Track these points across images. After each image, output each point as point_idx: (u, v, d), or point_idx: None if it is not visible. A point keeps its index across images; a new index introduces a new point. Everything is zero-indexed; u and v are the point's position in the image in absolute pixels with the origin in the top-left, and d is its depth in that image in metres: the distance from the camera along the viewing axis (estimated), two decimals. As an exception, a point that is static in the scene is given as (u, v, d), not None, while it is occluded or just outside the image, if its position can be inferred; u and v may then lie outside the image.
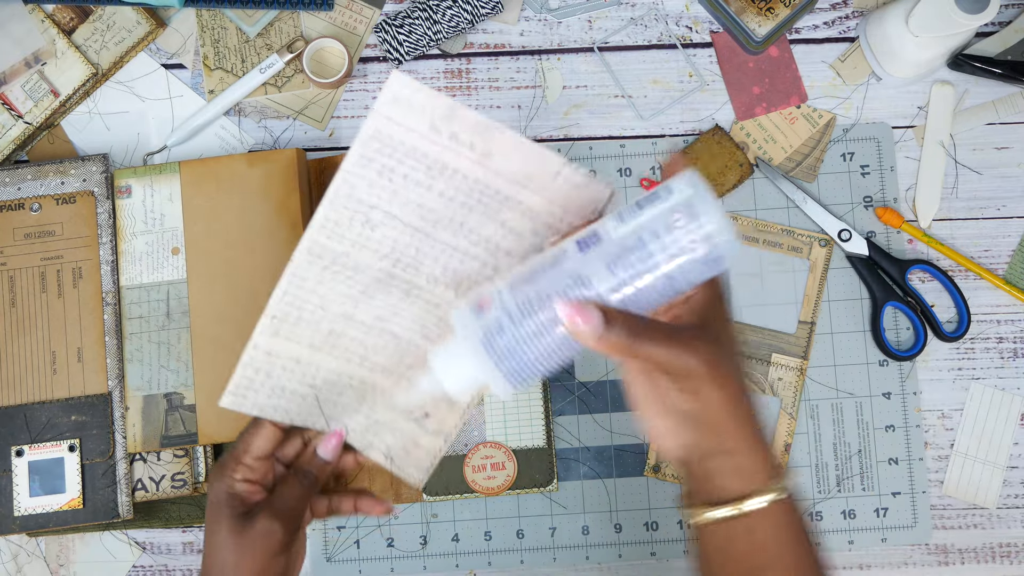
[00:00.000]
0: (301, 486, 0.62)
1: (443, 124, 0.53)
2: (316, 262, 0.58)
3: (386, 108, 0.53)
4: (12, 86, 0.80)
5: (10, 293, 0.77)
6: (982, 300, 0.81)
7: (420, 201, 0.56)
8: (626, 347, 0.47)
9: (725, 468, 0.51)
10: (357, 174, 0.55)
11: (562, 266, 0.47)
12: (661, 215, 0.46)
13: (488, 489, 0.78)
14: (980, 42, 0.81)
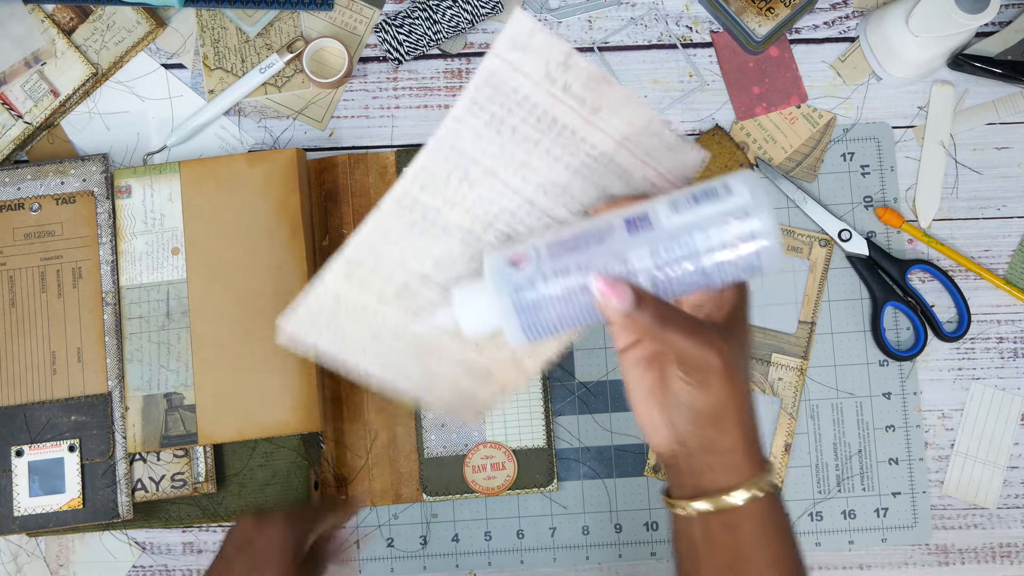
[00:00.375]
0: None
1: (559, 73, 0.50)
2: (404, 215, 0.54)
3: (505, 50, 0.50)
4: (12, 86, 0.80)
5: (10, 293, 0.77)
6: (982, 300, 0.81)
7: (525, 159, 0.52)
8: (649, 330, 0.47)
9: (717, 464, 0.51)
10: (465, 122, 0.51)
11: (607, 243, 0.48)
12: (716, 216, 0.46)
13: (488, 489, 0.78)
14: (980, 42, 0.81)
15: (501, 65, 0.50)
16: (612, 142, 0.52)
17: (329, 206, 0.80)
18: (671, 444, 0.51)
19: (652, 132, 0.52)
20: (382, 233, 0.55)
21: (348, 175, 0.80)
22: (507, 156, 0.52)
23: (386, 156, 0.81)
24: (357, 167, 0.80)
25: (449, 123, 0.52)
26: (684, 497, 0.52)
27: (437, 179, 0.53)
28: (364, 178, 0.80)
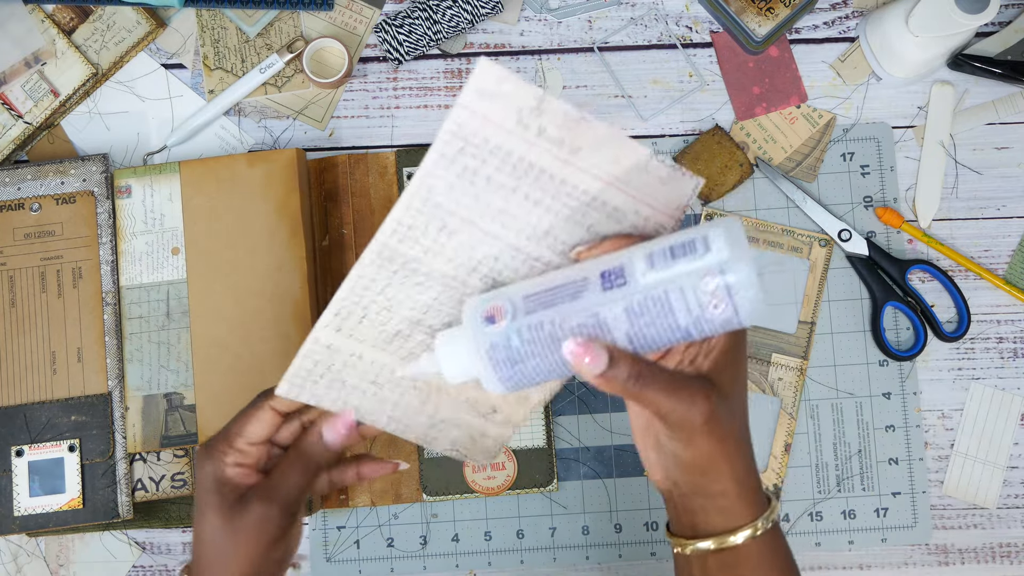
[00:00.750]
0: (303, 472, 0.57)
1: (531, 118, 0.48)
2: (385, 266, 0.53)
3: (471, 100, 0.48)
4: (12, 86, 0.80)
5: (10, 293, 0.77)
6: (982, 300, 0.81)
7: (502, 206, 0.51)
8: (626, 390, 0.47)
9: (709, 508, 0.51)
10: (436, 175, 0.50)
11: (582, 299, 0.47)
12: (692, 273, 0.45)
13: (488, 489, 0.78)
14: (980, 42, 0.81)
15: (469, 116, 0.48)
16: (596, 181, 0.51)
17: (329, 206, 0.80)
18: (666, 483, 0.52)
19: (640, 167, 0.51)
20: (366, 284, 0.54)
21: (348, 175, 0.80)
22: (483, 206, 0.51)
23: (386, 156, 0.81)
24: (357, 167, 0.80)
25: (420, 177, 0.50)
26: (682, 535, 0.52)
27: (415, 231, 0.52)
28: (364, 178, 0.80)
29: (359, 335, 0.56)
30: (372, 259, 0.53)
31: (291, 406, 0.58)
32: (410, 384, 0.58)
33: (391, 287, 0.54)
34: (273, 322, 0.75)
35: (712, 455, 0.49)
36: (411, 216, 0.51)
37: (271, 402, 0.57)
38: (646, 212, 0.53)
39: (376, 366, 0.57)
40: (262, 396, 0.58)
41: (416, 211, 0.51)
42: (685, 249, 0.46)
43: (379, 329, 0.56)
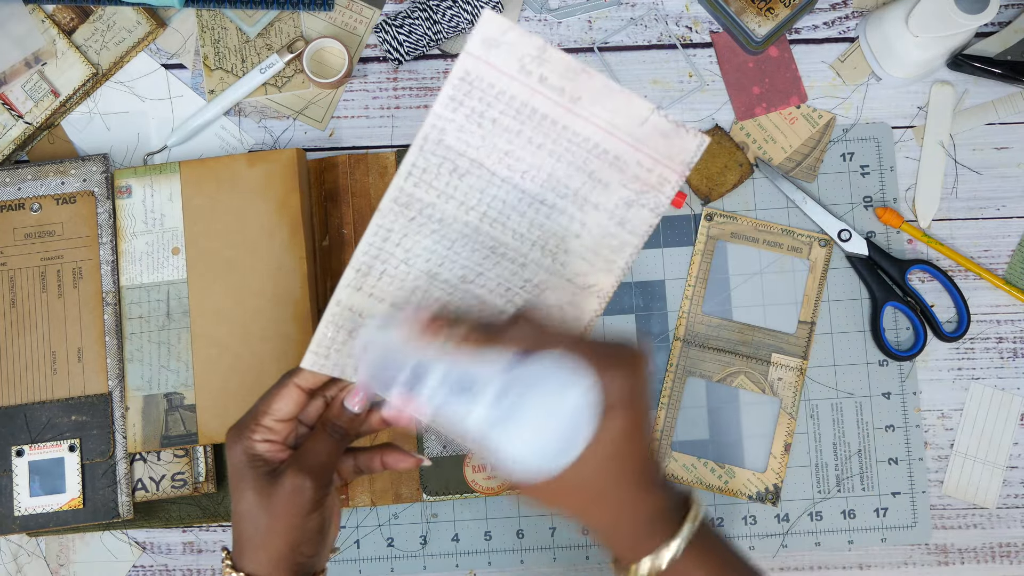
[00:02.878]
0: (330, 440, 0.59)
1: (533, 65, 0.52)
2: (403, 213, 0.56)
3: (477, 48, 0.52)
4: (12, 86, 0.80)
5: (10, 293, 0.77)
6: (982, 300, 0.81)
7: (508, 148, 0.54)
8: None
9: (607, 541, 0.52)
10: (446, 118, 0.54)
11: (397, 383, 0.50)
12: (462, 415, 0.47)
13: (488, 489, 0.78)
14: (980, 42, 0.81)
15: (475, 63, 0.52)
16: (597, 130, 0.54)
17: (329, 206, 0.80)
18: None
19: (640, 119, 0.53)
20: (384, 235, 0.56)
21: (348, 175, 0.80)
22: (490, 146, 0.54)
23: (386, 156, 0.81)
24: (357, 167, 0.80)
25: (432, 120, 0.54)
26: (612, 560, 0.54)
27: (428, 173, 0.55)
28: (364, 178, 0.80)
29: (379, 293, 0.57)
30: (390, 206, 0.56)
31: (315, 382, 0.60)
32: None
33: (408, 237, 0.56)
34: (273, 322, 0.75)
35: (564, 506, 0.51)
36: (424, 158, 0.54)
37: (296, 379, 0.59)
38: (648, 163, 0.54)
39: None
40: (288, 375, 0.60)
41: (429, 153, 0.54)
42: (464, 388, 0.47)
43: (398, 285, 0.57)
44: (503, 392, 0.44)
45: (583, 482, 0.49)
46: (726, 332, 0.80)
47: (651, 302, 0.80)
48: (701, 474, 0.79)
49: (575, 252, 0.57)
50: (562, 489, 0.49)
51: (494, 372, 0.45)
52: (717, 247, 0.81)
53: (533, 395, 0.45)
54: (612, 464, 0.49)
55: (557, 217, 0.56)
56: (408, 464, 0.63)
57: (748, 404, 0.79)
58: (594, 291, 0.58)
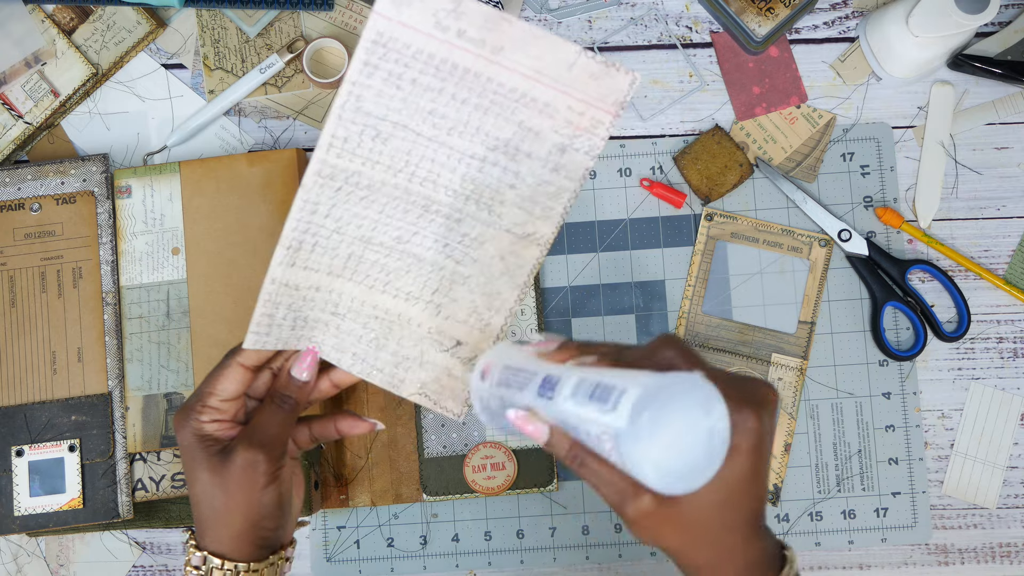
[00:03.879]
0: (280, 412, 0.58)
1: (450, 20, 0.50)
2: (328, 184, 0.55)
3: (387, 8, 0.50)
4: (12, 86, 0.80)
5: (10, 293, 0.77)
6: (982, 300, 0.81)
7: (431, 107, 0.53)
8: (570, 462, 0.49)
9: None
10: (363, 84, 0.52)
11: (523, 393, 0.50)
12: (593, 423, 0.46)
13: (488, 489, 0.78)
14: (980, 42, 0.81)
15: (386, 24, 0.50)
16: (523, 79, 0.52)
17: (329, 206, 0.80)
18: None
19: (567, 63, 0.52)
20: (312, 208, 0.55)
21: (348, 175, 0.80)
22: (412, 108, 0.53)
23: (386, 156, 0.81)
24: (357, 167, 0.80)
25: (347, 88, 0.52)
26: None
27: (350, 143, 0.53)
28: (364, 178, 0.80)
29: (313, 264, 0.57)
30: (314, 180, 0.54)
31: (259, 359, 0.59)
32: (371, 313, 0.59)
33: (336, 207, 0.55)
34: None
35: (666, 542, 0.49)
36: (344, 128, 0.53)
37: (239, 358, 0.58)
38: (579, 107, 0.53)
39: (335, 295, 0.58)
40: (230, 354, 0.59)
41: (349, 122, 0.53)
42: (600, 395, 0.45)
43: (332, 255, 0.57)
44: (641, 403, 0.43)
45: (694, 518, 0.48)
46: (726, 332, 0.80)
47: (651, 302, 0.80)
48: (701, 474, 0.79)
49: (511, 202, 0.56)
50: (670, 521, 0.48)
51: (633, 383, 0.44)
52: (717, 247, 0.81)
53: (672, 410, 0.43)
54: (727, 506, 0.48)
55: (489, 170, 0.55)
56: (362, 429, 0.62)
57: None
58: (533, 239, 0.57)
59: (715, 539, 0.49)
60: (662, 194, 0.81)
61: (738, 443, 0.46)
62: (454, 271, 0.58)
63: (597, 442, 0.46)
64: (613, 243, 0.81)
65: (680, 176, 0.81)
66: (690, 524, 0.48)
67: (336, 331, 0.59)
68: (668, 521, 0.48)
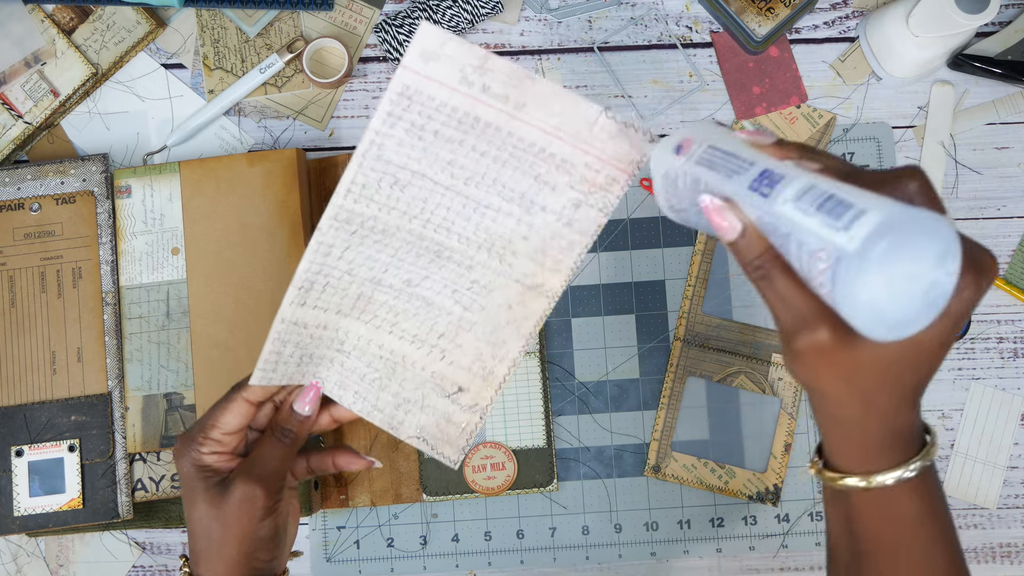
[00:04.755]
0: (280, 446, 0.59)
1: (475, 76, 0.52)
2: (343, 228, 0.56)
3: (415, 63, 0.51)
4: (12, 86, 0.80)
5: (10, 293, 0.77)
6: (982, 300, 0.81)
7: (450, 158, 0.54)
8: (752, 270, 0.45)
9: (835, 440, 0.48)
10: (385, 133, 0.53)
11: (733, 181, 0.45)
12: (814, 235, 0.41)
13: (488, 489, 0.78)
14: (980, 42, 0.81)
15: (413, 77, 0.52)
16: (543, 134, 0.53)
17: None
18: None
19: (588, 121, 0.53)
20: (325, 251, 0.56)
21: (348, 175, 0.80)
22: (432, 157, 0.54)
23: (386, 156, 0.81)
24: (357, 167, 0.80)
25: (370, 136, 0.53)
26: (827, 467, 0.50)
27: (368, 189, 0.55)
28: (364, 178, 0.80)
29: (323, 304, 0.58)
30: (330, 224, 0.55)
31: (264, 394, 0.60)
32: (376, 353, 0.60)
33: (350, 249, 0.56)
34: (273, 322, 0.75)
35: (824, 384, 0.46)
36: (364, 175, 0.54)
37: (244, 394, 0.59)
38: (596, 165, 0.54)
39: (341, 332, 0.59)
40: (235, 388, 0.60)
41: (369, 169, 0.54)
42: (833, 209, 0.41)
43: (342, 295, 0.58)
44: (881, 230, 0.38)
45: (865, 369, 0.44)
46: (726, 332, 0.80)
47: (651, 302, 0.80)
48: (701, 474, 0.79)
49: (523, 253, 0.57)
50: (839, 365, 0.44)
51: (875, 206, 0.39)
52: (717, 247, 0.81)
53: (909, 249, 0.39)
54: (905, 367, 0.45)
55: (503, 220, 0.56)
56: (359, 465, 0.63)
57: (748, 404, 0.79)
58: (542, 291, 0.58)
59: (873, 397, 0.46)
60: (662, 194, 0.80)
61: (949, 308, 0.43)
62: (461, 317, 0.59)
63: (808, 259, 0.41)
64: (613, 243, 0.81)
65: (680, 176, 0.81)
66: (857, 374, 0.45)
67: (340, 368, 0.60)
68: (837, 364, 0.44)
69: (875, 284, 0.39)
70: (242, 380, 0.60)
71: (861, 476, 0.48)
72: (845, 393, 0.46)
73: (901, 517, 0.48)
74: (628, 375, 0.80)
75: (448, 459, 0.61)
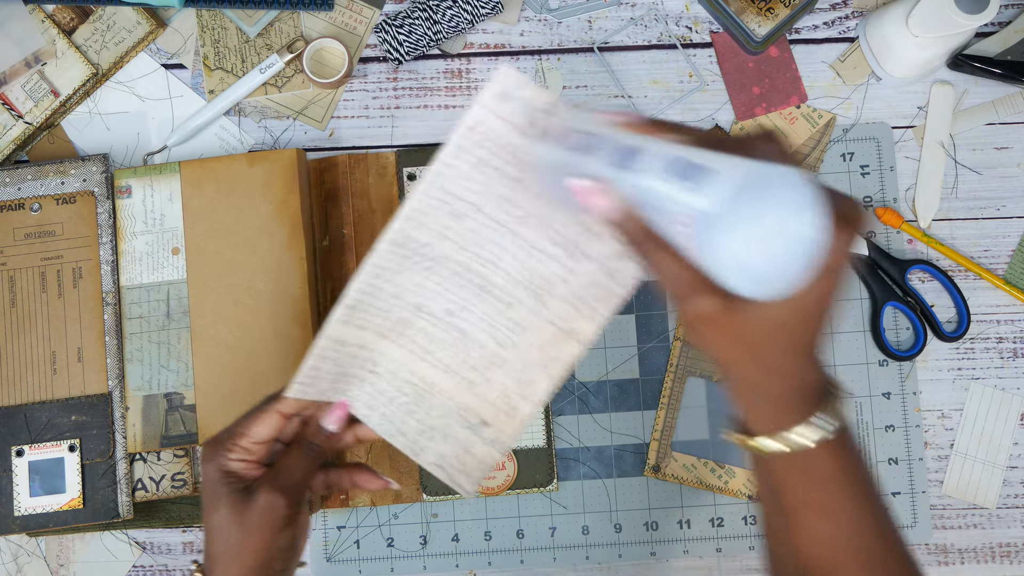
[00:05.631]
0: (305, 458, 0.60)
1: (541, 119, 0.54)
2: (397, 251, 0.57)
3: (491, 101, 0.53)
4: (12, 86, 0.80)
5: (10, 293, 0.77)
6: (982, 300, 0.81)
7: (508, 196, 0.56)
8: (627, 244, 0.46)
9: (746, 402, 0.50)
10: (452, 165, 0.55)
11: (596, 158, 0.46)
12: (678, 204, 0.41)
13: (488, 489, 0.78)
14: (980, 42, 0.81)
15: (487, 114, 0.54)
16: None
17: (329, 206, 0.80)
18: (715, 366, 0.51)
19: None
20: (378, 272, 0.58)
21: (348, 175, 0.80)
22: (490, 192, 0.56)
23: (386, 156, 0.81)
24: (357, 167, 0.80)
25: (438, 167, 0.55)
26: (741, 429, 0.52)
27: (427, 216, 0.56)
28: (364, 178, 0.80)
29: (365, 324, 0.59)
30: (386, 247, 0.57)
31: (297, 408, 0.61)
32: (407, 378, 0.61)
33: (401, 274, 0.58)
34: (273, 322, 0.75)
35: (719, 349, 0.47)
36: (426, 202, 0.56)
37: (278, 406, 0.60)
38: None
39: (376, 354, 0.60)
40: (270, 399, 0.61)
41: (432, 197, 0.56)
42: (691, 174, 0.41)
43: (384, 316, 0.59)
44: (736, 189, 0.38)
45: (754, 331, 0.45)
46: (726, 332, 0.80)
47: (651, 302, 0.80)
48: (701, 474, 0.79)
49: (561, 296, 0.58)
50: (729, 329, 0.45)
51: (729, 167, 0.39)
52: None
53: (768, 204, 0.39)
54: (792, 326, 0.46)
55: (548, 262, 0.57)
56: (376, 486, 0.64)
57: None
58: (575, 336, 0.59)
59: (768, 357, 0.47)
60: (662, 194, 0.80)
61: (822, 263, 0.43)
62: (494, 352, 0.60)
63: (675, 226, 0.42)
64: (613, 243, 0.81)
65: (680, 176, 0.81)
66: (747, 336, 0.46)
67: (371, 389, 0.61)
68: (726, 329, 0.45)
69: (738, 241, 0.39)
70: (275, 392, 0.61)
71: (772, 435, 0.49)
72: (740, 356, 0.47)
73: (816, 475, 0.49)
74: (628, 375, 0.80)
75: (464, 489, 0.62)
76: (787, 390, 0.48)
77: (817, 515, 0.50)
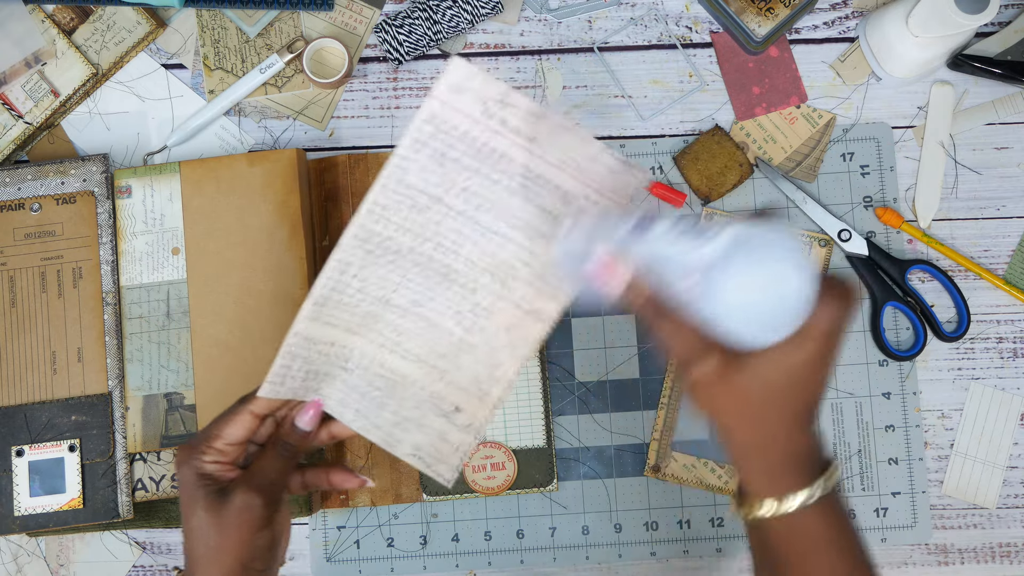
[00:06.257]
0: (280, 458, 0.60)
1: (496, 108, 0.55)
2: (361, 246, 0.59)
3: (443, 93, 0.55)
4: (12, 86, 0.80)
5: (10, 293, 0.77)
6: (982, 300, 0.81)
7: (466, 185, 0.57)
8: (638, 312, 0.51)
9: (743, 465, 0.53)
10: (409, 159, 0.57)
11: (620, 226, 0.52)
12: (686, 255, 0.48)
13: (488, 489, 0.78)
14: (980, 42, 0.81)
15: (440, 107, 0.55)
16: (550, 166, 0.57)
17: (329, 206, 0.80)
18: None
19: (591, 156, 0.57)
20: (343, 268, 0.59)
21: (348, 175, 0.80)
22: (449, 183, 0.57)
23: (386, 156, 0.80)
24: (357, 167, 0.80)
25: (396, 161, 0.57)
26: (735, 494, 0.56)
27: (388, 210, 0.58)
28: (364, 178, 0.80)
29: (334, 320, 0.60)
30: (350, 242, 0.58)
31: (270, 408, 0.61)
32: (378, 372, 0.61)
33: (365, 268, 0.59)
34: (273, 322, 0.75)
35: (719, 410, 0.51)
36: (386, 196, 0.58)
37: (251, 407, 0.61)
38: (594, 197, 0.58)
39: (347, 350, 0.61)
40: (242, 401, 0.62)
41: (392, 191, 0.57)
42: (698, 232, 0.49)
43: (351, 311, 0.60)
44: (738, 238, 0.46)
45: (752, 393, 0.50)
46: (726, 332, 0.80)
47: (651, 302, 0.80)
48: (701, 474, 0.79)
49: (523, 279, 0.60)
50: (729, 391, 0.50)
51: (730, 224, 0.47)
52: (717, 247, 0.81)
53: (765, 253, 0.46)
54: (787, 390, 0.50)
55: (508, 246, 0.59)
56: (353, 484, 0.65)
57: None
58: (539, 316, 0.61)
59: (766, 421, 0.51)
60: (662, 194, 0.81)
61: (813, 325, 0.48)
62: (462, 339, 0.61)
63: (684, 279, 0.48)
64: (613, 243, 0.81)
65: (680, 176, 0.81)
66: (747, 398, 0.50)
67: (343, 385, 0.62)
68: (727, 391, 0.50)
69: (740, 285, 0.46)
70: (248, 394, 0.61)
71: (772, 499, 0.52)
72: (738, 419, 0.51)
73: (807, 536, 0.53)
74: (628, 375, 0.80)
75: (442, 477, 0.63)
76: (783, 455, 0.52)
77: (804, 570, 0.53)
